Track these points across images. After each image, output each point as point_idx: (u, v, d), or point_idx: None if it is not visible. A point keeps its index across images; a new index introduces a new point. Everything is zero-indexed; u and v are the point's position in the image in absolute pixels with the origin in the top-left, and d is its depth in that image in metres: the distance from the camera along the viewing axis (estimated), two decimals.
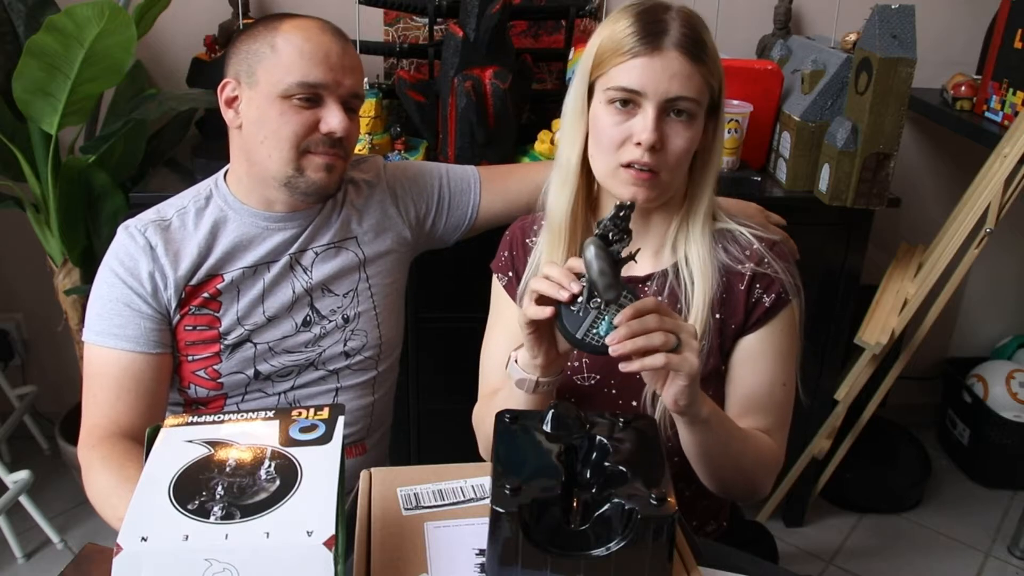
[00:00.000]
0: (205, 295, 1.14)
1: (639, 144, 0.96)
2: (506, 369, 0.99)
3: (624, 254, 0.84)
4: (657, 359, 0.81)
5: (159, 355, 1.13)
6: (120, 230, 1.15)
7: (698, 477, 1.02)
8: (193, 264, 1.14)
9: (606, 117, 0.98)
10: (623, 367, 0.83)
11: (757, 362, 1.04)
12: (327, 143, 1.12)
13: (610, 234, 0.82)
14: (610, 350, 0.81)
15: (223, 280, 1.15)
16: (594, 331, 0.84)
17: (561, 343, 0.92)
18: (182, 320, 1.14)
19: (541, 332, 0.90)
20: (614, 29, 0.97)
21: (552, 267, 0.87)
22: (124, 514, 0.59)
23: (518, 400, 0.97)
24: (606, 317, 0.84)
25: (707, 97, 0.98)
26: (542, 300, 0.86)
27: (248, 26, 1.15)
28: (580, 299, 0.84)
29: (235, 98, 1.13)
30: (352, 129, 1.14)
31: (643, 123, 0.96)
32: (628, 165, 0.97)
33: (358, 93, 1.15)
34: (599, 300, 0.84)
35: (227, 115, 1.14)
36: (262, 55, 1.10)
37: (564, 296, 0.84)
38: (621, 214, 0.82)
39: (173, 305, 1.13)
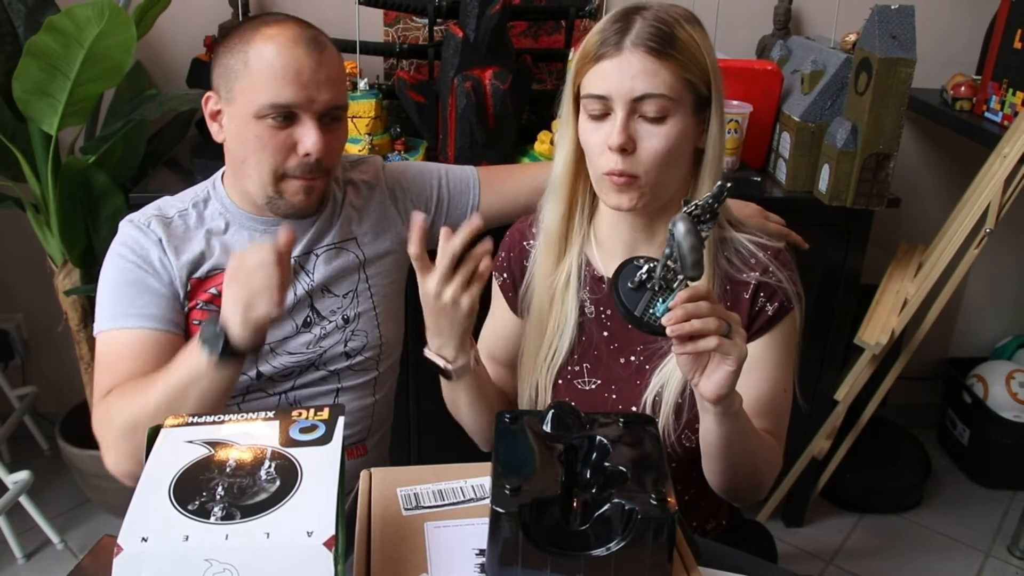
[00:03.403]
0: (212, 290, 1.14)
1: (611, 148, 0.96)
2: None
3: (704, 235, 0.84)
4: (710, 341, 0.82)
5: (177, 336, 1.12)
6: (124, 223, 1.15)
7: (700, 480, 1.02)
8: (196, 258, 1.14)
9: (585, 125, 0.99)
10: (676, 349, 0.84)
11: (759, 369, 1.04)
12: (305, 167, 1.09)
13: (702, 214, 0.82)
14: (668, 331, 0.82)
15: None
16: (650, 311, 0.86)
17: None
18: (191, 313, 1.14)
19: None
20: (589, 35, 0.98)
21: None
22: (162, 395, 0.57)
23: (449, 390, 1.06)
24: (660, 299, 0.86)
25: (686, 92, 0.96)
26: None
27: (227, 33, 1.12)
28: (647, 274, 0.86)
29: (219, 111, 1.12)
30: (333, 143, 1.11)
31: (611, 126, 0.95)
32: (610, 173, 0.97)
33: (338, 104, 1.10)
34: (657, 281, 0.86)
35: (212, 128, 1.14)
36: (237, 71, 1.07)
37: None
38: (721, 195, 0.81)
39: (182, 294, 1.13)
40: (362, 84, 1.66)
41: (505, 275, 1.16)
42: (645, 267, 0.88)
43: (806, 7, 2.04)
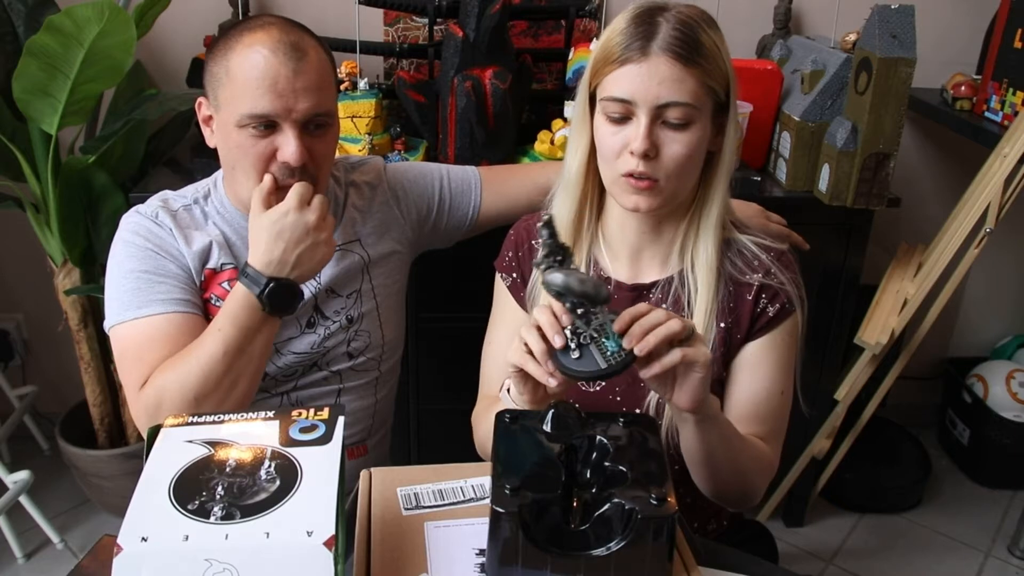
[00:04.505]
0: (224, 285, 1.14)
1: (633, 153, 0.95)
2: (499, 394, 0.98)
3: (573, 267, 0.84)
4: (674, 355, 0.81)
5: (201, 318, 1.11)
6: (130, 214, 1.15)
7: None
8: (206, 247, 1.13)
9: (603, 127, 0.98)
10: (644, 373, 0.83)
11: (757, 369, 1.04)
12: (287, 174, 1.07)
13: (557, 255, 0.82)
14: (636, 350, 0.80)
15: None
16: (609, 355, 0.82)
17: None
18: (206, 306, 1.14)
19: (527, 375, 0.88)
20: (609, 35, 0.97)
21: (542, 312, 0.85)
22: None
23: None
24: (605, 339, 0.83)
25: (707, 99, 0.96)
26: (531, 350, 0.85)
27: (214, 41, 1.11)
28: (574, 336, 0.83)
29: (210, 117, 1.12)
30: (320, 149, 1.10)
31: (635, 132, 0.95)
32: (629, 175, 0.97)
33: (321, 112, 1.07)
34: (588, 332, 0.83)
35: (205, 133, 1.13)
36: (221, 79, 1.07)
37: (559, 343, 0.82)
38: (552, 229, 0.82)
39: (198, 282, 1.13)
40: (362, 84, 1.66)
41: (514, 275, 1.15)
42: (568, 334, 0.84)
43: (806, 7, 2.04)
